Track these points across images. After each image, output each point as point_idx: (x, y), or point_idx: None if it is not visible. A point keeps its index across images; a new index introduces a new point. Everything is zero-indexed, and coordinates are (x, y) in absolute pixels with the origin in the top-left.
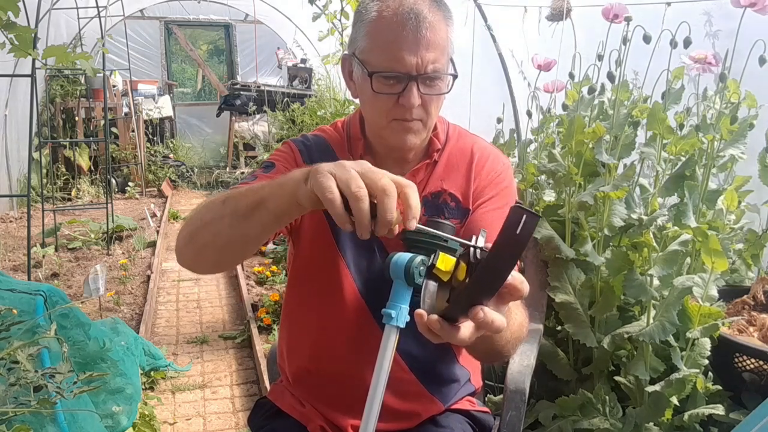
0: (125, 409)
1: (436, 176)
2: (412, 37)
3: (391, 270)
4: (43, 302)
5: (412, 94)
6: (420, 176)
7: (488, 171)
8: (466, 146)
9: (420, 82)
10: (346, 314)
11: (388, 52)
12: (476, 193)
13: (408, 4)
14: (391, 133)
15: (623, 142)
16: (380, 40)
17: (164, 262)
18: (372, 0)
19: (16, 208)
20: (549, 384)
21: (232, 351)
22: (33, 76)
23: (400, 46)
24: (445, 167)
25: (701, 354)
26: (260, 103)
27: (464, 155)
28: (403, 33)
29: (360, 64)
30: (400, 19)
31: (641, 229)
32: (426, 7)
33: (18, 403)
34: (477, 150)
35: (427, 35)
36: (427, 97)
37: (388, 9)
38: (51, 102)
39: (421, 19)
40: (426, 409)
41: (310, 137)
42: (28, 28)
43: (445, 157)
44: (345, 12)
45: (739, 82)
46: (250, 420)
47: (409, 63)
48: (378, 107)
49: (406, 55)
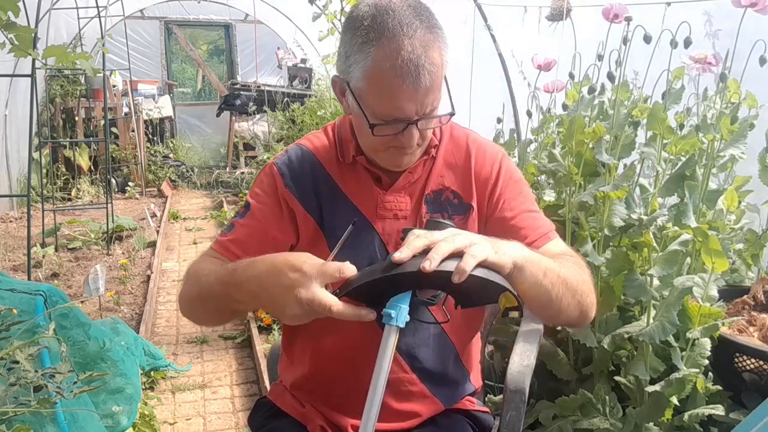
0: (125, 409)
1: (436, 173)
2: (413, 88)
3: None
4: (43, 302)
5: (412, 135)
6: (418, 173)
7: (489, 167)
8: (460, 140)
9: (419, 122)
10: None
11: (387, 102)
12: (485, 195)
13: (406, 54)
14: (387, 156)
15: (623, 142)
16: (378, 87)
17: (164, 262)
18: (368, 31)
19: (16, 208)
20: (549, 384)
21: (232, 351)
22: (33, 76)
23: (398, 97)
24: (444, 163)
25: (701, 354)
26: (260, 103)
27: (460, 150)
28: (403, 87)
29: (355, 99)
30: (399, 72)
31: (641, 229)
32: (425, 53)
33: (18, 403)
34: (472, 144)
35: (426, 84)
36: (426, 135)
37: (387, 60)
38: (51, 102)
39: (420, 68)
40: (426, 409)
41: (293, 154)
42: (28, 28)
43: (442, 153)
44: (345, 12)
45: (739, 82)
46: (250, 420)
47: (409, 111)
48: (376, 142)
49: (406, 104)
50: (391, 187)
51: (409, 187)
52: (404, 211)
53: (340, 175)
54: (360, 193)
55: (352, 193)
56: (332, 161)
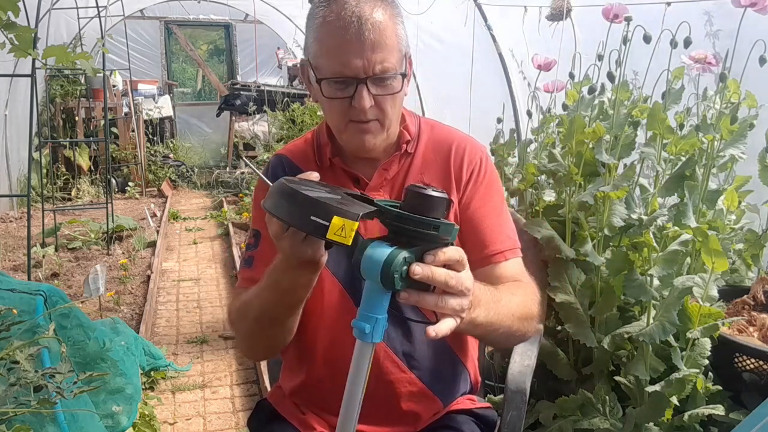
0: (125, 409)
1: (415, 169)
2: (356, 40)
3: (363, 267)
4: (43, 302)
5: (362, 96)
6: (393, 169)
7: (468, 164)
8: (441, 138)
9: (370, 83)
10: (340, 326)
11: (334, 57)
12: (460, 190)
13: (350, 7)
14: (349, 136)
15: (623, 142)
16: (326, 46)
17: (164, 262)
18: (319, 5)
19: (16, 208)
20: (549, 384)
21: (232, 351)
22: (33, 76)
23: (345, 51)
24: (423, 160)
25: (701, 354)
26: (260, 103)
27: (441, 147)
28: (347, 37)
29: (312, 69)
30: (343, 24)
31: (641, 229)
32: (368, 8)
33: (18, 403)
34: (453, 141)
35: (370, 37)
36: (380, 97)
37: (332, 14)
38: (51, 102)
39: (363, 21)
40: (426, 409)
41: (272, 165)
42: (28, 28)
43: (421, 150)
44: None
45: (739, 82)
46: (249, 421)
47: (355, 66)
48: (333, 111)
49: (352, 58)
50: (368, 184)
51: (386, 184)
52: None
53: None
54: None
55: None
56: (310, 164)
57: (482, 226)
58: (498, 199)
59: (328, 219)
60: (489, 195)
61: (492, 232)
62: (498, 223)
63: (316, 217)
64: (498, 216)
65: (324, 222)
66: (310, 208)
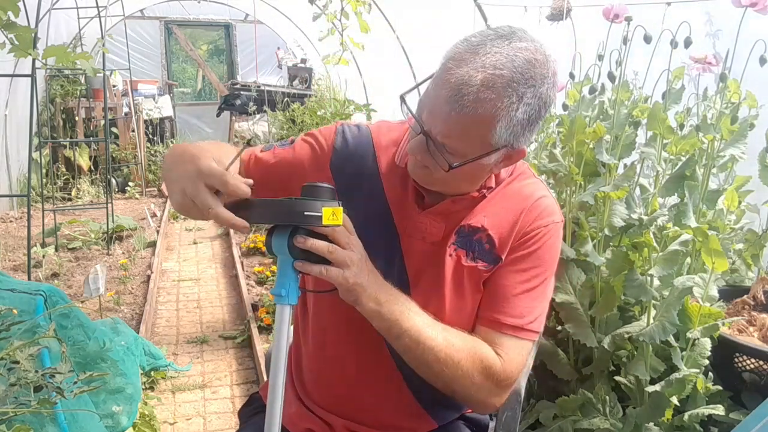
0: (125, 409)
1: (481, 211)
2: (444, 104)
3: (272, 245)
4: (43, 302)
5: (416, 143)
6: (462, 205)
7: (531, 228)
8: (525, 193)
9: (431, 141)
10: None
11: (425, 101)
12: (511, 249)
13: (461, 73)
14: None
15: (623, 142)
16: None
17: (164, 262)
18: (450, 59)
19: (16, 208)
20: (549, 384)
21: (233, 351)
22: (33, 76)
23: (432, 103)
24: (493, 206)
25: (701, 354)
26: (260, 103)
27: (519, 202)
28: (440, 97)
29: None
30: (447, 84)
31: (641, 229)
32: (474, 89)
33: (18, 403)
34: (532, 201)
35: (452, 114)
36: (430, 162)
37: (449, 71)
38: (51, 102)
39: (458, 96)
40: (422, 427)
41: (356, 134)
42: (28, 28)
43: (498, 197)
44: (345, 12)
45: (739, 82)
46: (240, 411)
47: (427, 120)
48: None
49: (427, 112)
50: (430, 208)
51: (447, 215)
52: (433, 236)
53: (389, 176)
54: (399, 202)
55: (392, 198)
56: (389, 160)
57: (494, 288)
58: (535, 272)
59: (318, 210)
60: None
61: (497, 299)
62: (512, 298)
63: (309, 211)
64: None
65: (317, 213)
66: (300, 206)
